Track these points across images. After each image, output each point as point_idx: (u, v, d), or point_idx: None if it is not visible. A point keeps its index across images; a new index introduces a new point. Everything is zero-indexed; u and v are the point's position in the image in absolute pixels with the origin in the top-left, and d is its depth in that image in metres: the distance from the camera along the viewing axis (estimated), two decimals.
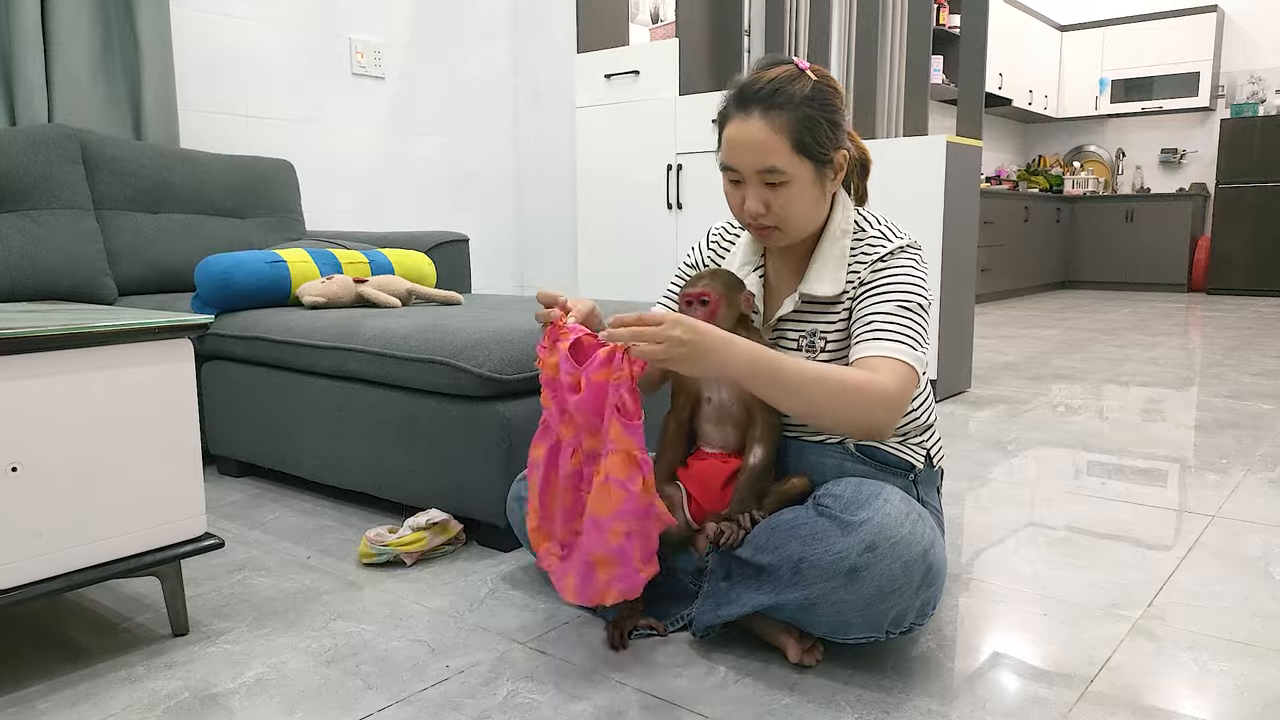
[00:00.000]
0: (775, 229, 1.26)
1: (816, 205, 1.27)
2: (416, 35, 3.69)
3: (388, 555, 1.58)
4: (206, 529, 1.31)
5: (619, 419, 1.11)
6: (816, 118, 1.21)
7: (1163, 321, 5.45)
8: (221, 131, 3.07)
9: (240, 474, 2.19)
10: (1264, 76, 7.46)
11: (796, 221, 1.26)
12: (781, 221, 1.25)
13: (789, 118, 1.20)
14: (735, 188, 1.26)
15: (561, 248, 4.07)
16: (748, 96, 1.22)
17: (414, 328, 1.75)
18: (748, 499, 1.25)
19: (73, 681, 1.19)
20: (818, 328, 1.31)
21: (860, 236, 1.31)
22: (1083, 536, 1.71)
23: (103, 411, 1.18)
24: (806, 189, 1.24)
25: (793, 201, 1.23)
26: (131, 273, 2.45)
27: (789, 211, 1.24)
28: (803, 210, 1.25)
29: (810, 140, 1.21)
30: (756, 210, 1.24)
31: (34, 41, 2.49)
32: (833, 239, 1.30)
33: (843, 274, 1.29)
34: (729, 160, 1.24)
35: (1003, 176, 8.06)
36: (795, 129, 1.20)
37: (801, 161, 1.21)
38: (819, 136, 1.22)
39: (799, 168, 1.21)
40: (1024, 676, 1.18)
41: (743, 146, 1.22)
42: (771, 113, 1.20)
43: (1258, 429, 2.56)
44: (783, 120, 1.20)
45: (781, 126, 1.20)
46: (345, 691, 1.16)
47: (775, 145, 1.20)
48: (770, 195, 1.23)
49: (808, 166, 1.22)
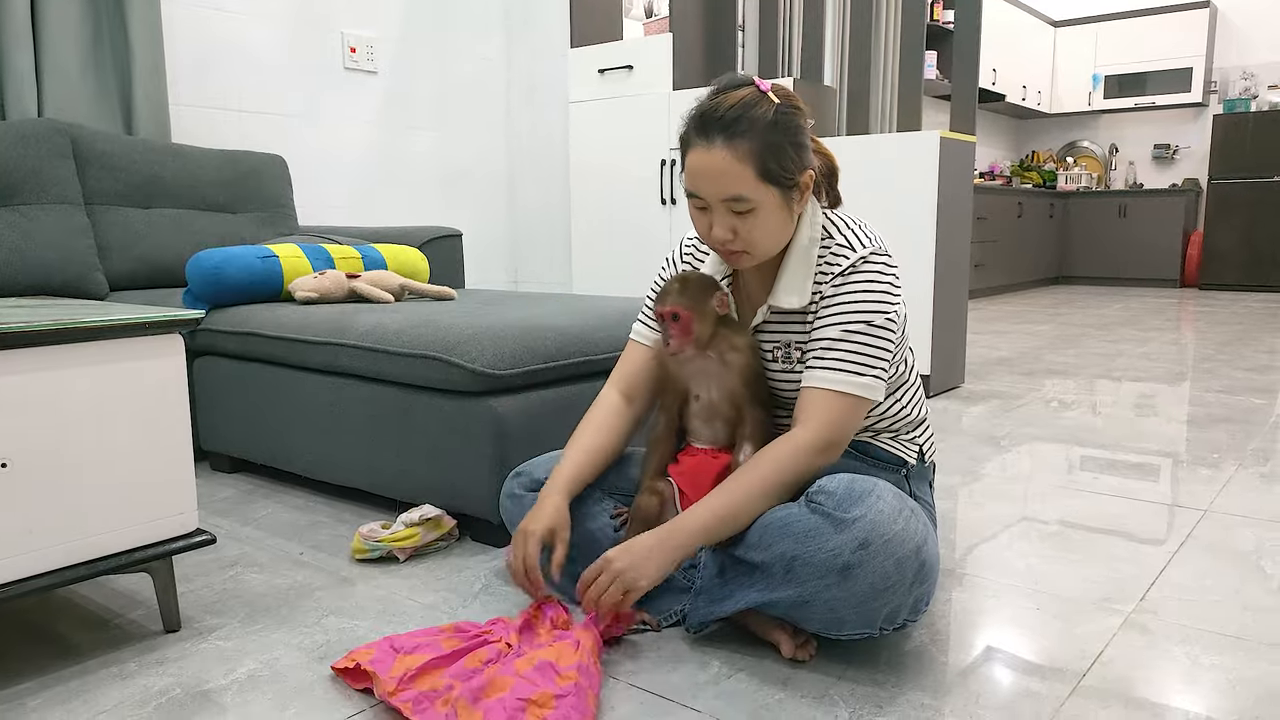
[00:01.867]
0: (744, 253, 1.25)
1: (783, 227, 1.25)
2: (409, 29, 3.68)
3: (381, 551, 1.57)
4: (198, 525, 1.31)
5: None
6: (781, 144, 1.18)
7: (1155, 317, 5.47)
8: (213, 126, 3.05)
9: (233, 470, 2.19)
10: (1256, 72, 7.48)
11: (763, 244, 1.24)
12: (749, 245, 1.23)
13: (752, 145, 1.16)
14: (701, 213, 1.24)
15: (555, 243, 4.06)
16: (709, 123, 1.18)
17: (407, 323, 1.74)
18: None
19: (64, 678, 1.19)
20: (790, 339, 1.31)
21: (827, 244, 1.29)
22: (1075, 531, 1.72)
23: (93, 407, 1.18)
24: (773, 214, 1.21)
25: (759, 227, 1.21)
26: (123, 268, 2.44)
27: (755, 236, 1.22)
28: (769, 234, 1.23)
29: (775, 167, 1.18)
30: (724, 237, 1.22)
31: (23, 35, 2.47)
32: (800, 250, 1.28)
33: (809, 285, 1.27)
34: (693, 188, 1.22)
35: (996, 172, 8.07)
36: (760, 156, 1.17)
37: (767, 189, 1.19)
38: (784, 162, 1.19)
39: (765, 194, 1.19)
40: (1017, 670, 1.19)
41: (706, 176, 1.19)
42: (735, 141, 1.16)
43: (1250, 424, 2.57)
44: (746, 148, 1.16)
45: (745, 155, 1.16)
46: (337, 687, 1.15)
47: (740, 174, 1.17)
48: (737, 222, 1.21)
49: (774, 193, 1.20)
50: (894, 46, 3.34)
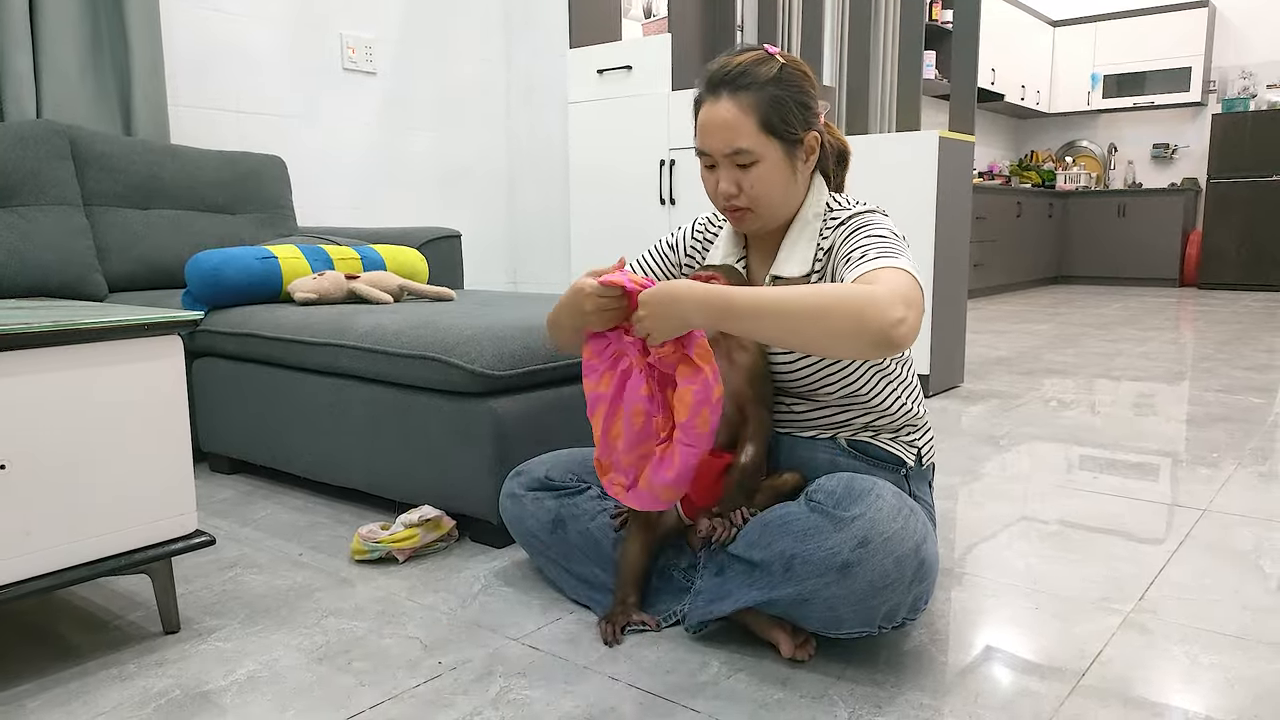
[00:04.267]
0: (748, 210, 1.28)
1: (788, 186, 1.28)
2: (408, 30, 3.68)
3: (380, 552, 1.57)
4: (198, 526, 1.31)
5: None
6: (783, 97, 1.24)
7: (1154, 316, 5.47)
8: (212, 127, 3.05)
9: (232, 471, 2.19)
10: (1255, 71, 7.48)
11: (767, 201, 1.27)
12: (753, 202, 1.27)
13: (755, 98, 1.23)
14: (709, 172, 1.30)
15: (554, 243, 4.06)
16: (716, 81, 1.25)
17: (406, 324, 1.74)
18: (738, 497, 1.25)
19: (63, 680, 1.19)
20: None
21: (830, 219, 1.32)
22: (1075, 531, 1.72)
23: (92, 408, 1.17)
24: (776, 168, 1.26)
25: (762, 180, 1.26)
26: (122, 269, 2.44)
27: (759, 191, 1.26)
28: (774, 189, 1.27)
29: (777, 120, 1.24)
30: (729, 191, 1.27)
31: (22, 36, 2.47)
32: (804, 223, 1.32)
33: (811, 254, 1.30)
34: (702, 145, 1.28)
35: (995, 172, 8.07)
36: (762, 108, 1.23)
37: (769, 141, 1.24)
38: (786, 116, 1.24)
39: (767, 147, 1.24)
40: (1016, 670, 1.19)
41: (712, 129, 1.25)
42: (739, 94, 1.23)
43: (1248, 423, 2.57)
44: (749, 100, 1.23)
45: (748, 107, 1.23)
46: (337, 688, 1.15)
47: (743, 125, 1.23)
48: (741, 176, 1.26)
49: (776, 146, 1.25)
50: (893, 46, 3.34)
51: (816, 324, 1.06)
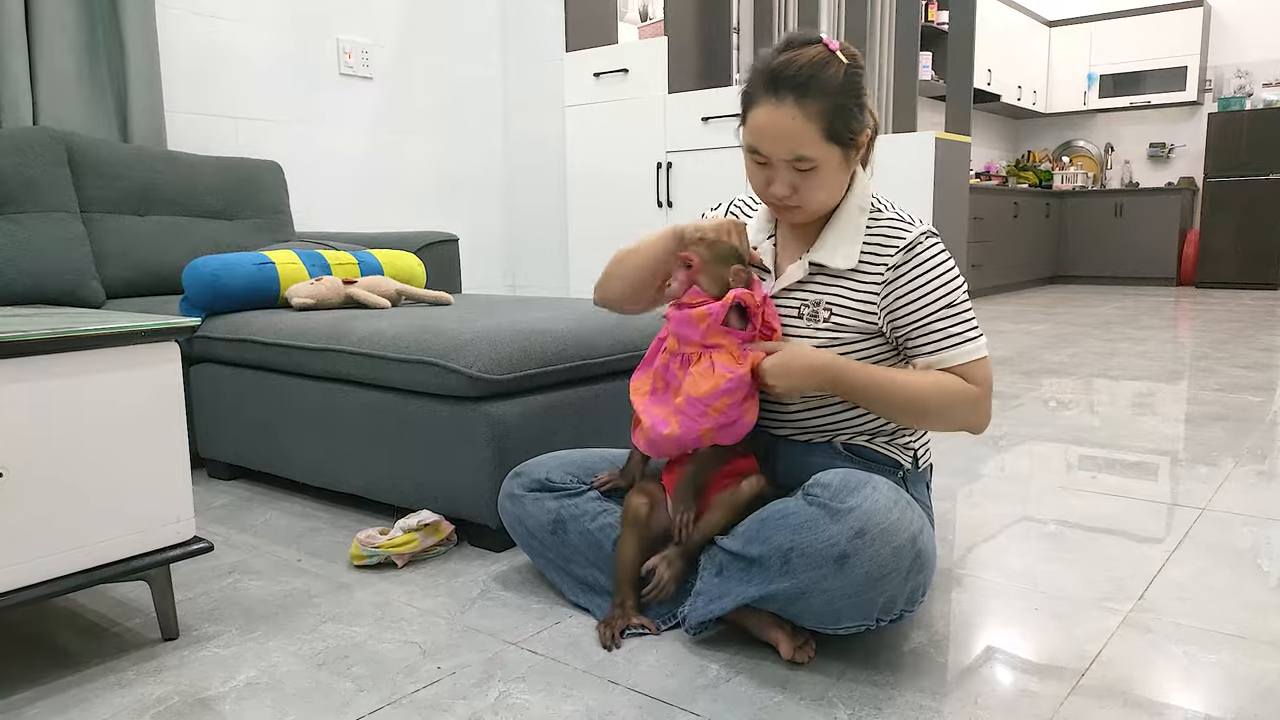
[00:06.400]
0: (798, 208, 1.28)
1: (840, 186, 1.29)
2: (404, 35, 3.68)
3: (379, 557, 1.57)
4: (196, 533, 1.31)
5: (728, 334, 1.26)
6: (848, 105, 1.21)
7: (1152, 315, 5.47)
8: (209, 132, 3.05)
9: (230, 477, 2.19)
10: (1251, 70, 7.50)
11: (818, 201, 1.27)
12: (804, 202, 1.26)
13: (822, 106, 1.19)
14: (760, 168, 1.26)
15: (551, 247, 4.06)
16: (780, 81, 1.19)
17: (404, 329, 1.74)
18: (687, 496, 1.28)
19: (61, 687, 1.18)
20: (823, 298, 1.31)
21: (876, 217, 1.31)
22: (1073, 530, 1.72)
23: (89, 415, 1.17)
24: (833, 173, 1.25)
25: (819, 185, 1.24)
26: (119, 275, 2.44)
27: (813, 193, 1.25)
28: (827, 192, 1.27)
29: (841, 127, 1.21)
30: (783, 194, 1.25)
31: (18, 43, 2.47)
32: (850, 213, 1.31)
33: (857, 249, 1.29)
34: (757, 145, 1.23)
35: (992, 172, 8.08)
36: (827, 117, 1.19)
37: (831, 148, 1.22)
38: (850, 123, 1.22)
39: (828, 154, 1.22)
40: (1016, 670, 1.19)
41: (773, 135, 1.21)
42: (805, 101, 1.19)
43: (1246, 421, 2.57)
44: (816, 109, 1.19)
45: (814, 115, 1.19)
46: (336, 694, 1.15)
47: (807, 134, 1.20)
48: (798, 179, 1.24)
49: (836, 152, 1.23)
50: (889, 47, 3.34)
51: (920, 420, 1.25)
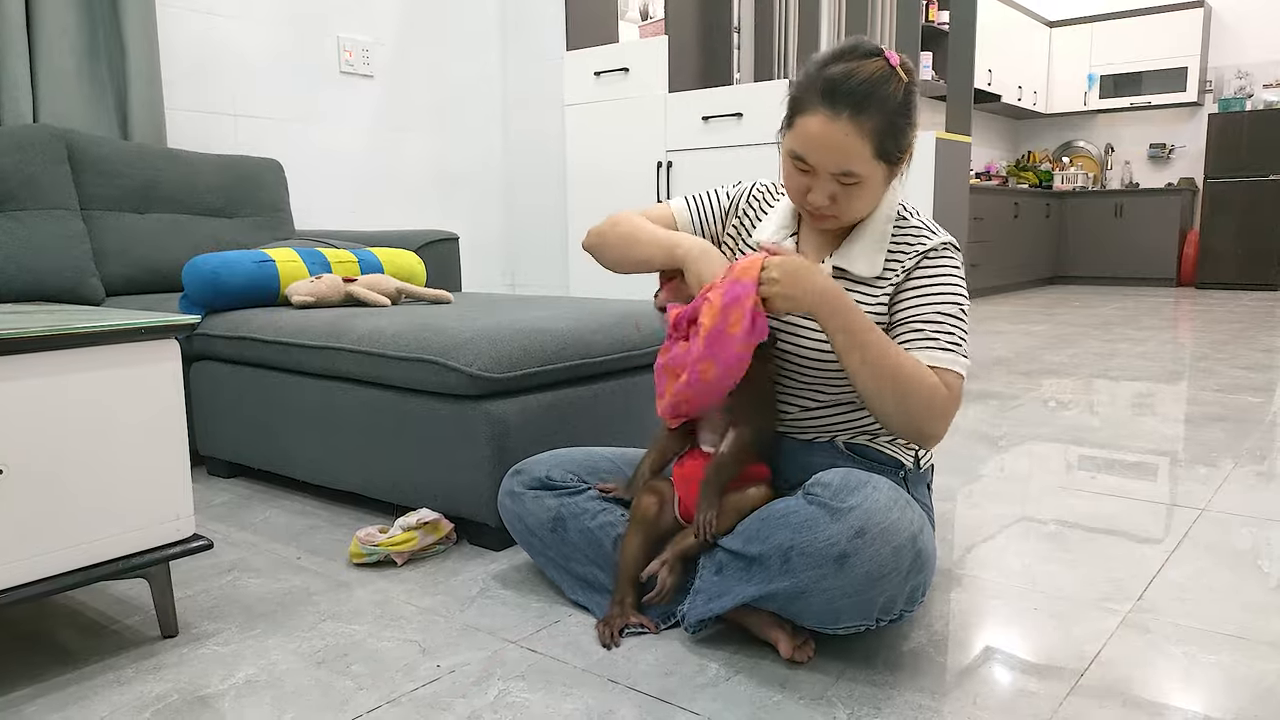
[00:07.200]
0: (833, 217, 1.27)
1: (878, 199, 1.28)
2: (405, 33, 3.68)
3: (378, 555, 1.57)
4: (195, 530, 1.31)
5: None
6: (902, 125, 1.20)
7: (1152, 316, 5.47)
8: (209, 130, 3.05)
9: (230, 475, 2.19)
10: (1251, 71, 7.50)
11: (855, 211, 1.26)
12: (842, 213, 1.25)
13: (876, 124, 1.17)
14: (801, 175, 1.24)
15: (552, 245, 4.06)
16: (839, 93, 1.16)
17: (404, 327, 1.74)
18: (712, 495, 1.25)
19: (61, 684, 1.18)
20: None
21: (902, 225, 1.31)
22: (1073, 531, 1.72)
23: (89, 413, 1.17)
24: (876, 187, 1.24)
25: (861, 198, 1.24)
26: (119, 273, 2.44)
27: (852, 205, 1.24)
28: (865, 204, 1.26)
29: (892, 146, 1.20)
30: (822, 204, 1.24)
31: (19, 41, 2.47)
32: (878, 221, 1.30)
33: (881, 257, 1.29)
34: (804, 154, 1.21)
35: (992, 172, 8.08)
36: (880, 136, 1.18)
37: (878, 165, 1.20)
38: (900, 142, 1.21)
39: (874, 170, 1.21)
40: (1015, 670, 1.19)
41: (823, 146, 1.18)
42: (861, 118, 1.16)
43: (1246, 422, 2.57)
44: (870, 127, 1.17)
45: (869, 132, 1.17)
46: (335, 692, 1.15)
47: (858, 151, 1.18)
48: (839, 191, 1.22)
49: (882, 168, 1.22)
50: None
51: (894, 386, 1.17)
